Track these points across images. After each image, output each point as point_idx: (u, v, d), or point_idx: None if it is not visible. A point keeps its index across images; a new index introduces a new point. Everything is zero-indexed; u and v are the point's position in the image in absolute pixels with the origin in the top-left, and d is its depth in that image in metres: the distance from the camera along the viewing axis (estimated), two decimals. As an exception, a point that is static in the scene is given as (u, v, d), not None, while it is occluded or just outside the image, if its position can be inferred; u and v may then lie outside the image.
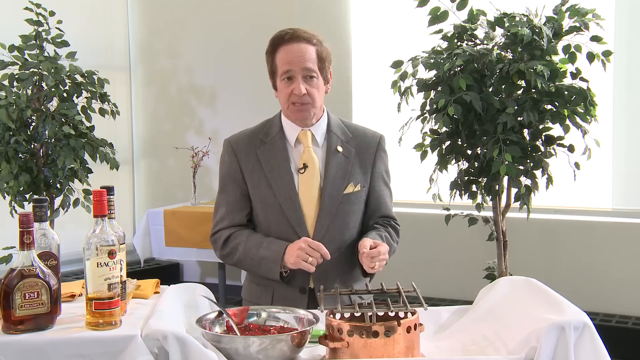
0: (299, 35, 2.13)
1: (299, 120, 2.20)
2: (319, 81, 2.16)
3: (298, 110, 2.15)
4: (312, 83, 2.14)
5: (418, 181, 3.41)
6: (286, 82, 2.14)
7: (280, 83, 2.16)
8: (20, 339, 1.56)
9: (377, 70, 4.80)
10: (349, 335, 1.58)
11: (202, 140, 5.28)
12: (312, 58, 2.13)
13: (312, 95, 2.14)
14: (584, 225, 4.26)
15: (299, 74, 2.12)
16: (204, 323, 1.69)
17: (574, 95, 2.91)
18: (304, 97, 2.13)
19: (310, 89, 2.13)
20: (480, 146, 3.03)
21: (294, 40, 2.12)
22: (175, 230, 4.77)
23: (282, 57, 2.13)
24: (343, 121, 2.31)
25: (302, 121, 2.20)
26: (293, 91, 2.12)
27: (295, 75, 2.12)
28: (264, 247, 2.13)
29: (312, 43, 2.14)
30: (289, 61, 2.12)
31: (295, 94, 2.12)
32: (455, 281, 4.45)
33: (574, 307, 1.65)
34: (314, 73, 2.13)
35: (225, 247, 2.21)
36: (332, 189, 2.17)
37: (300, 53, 2.11)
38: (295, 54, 2.11)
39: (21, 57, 3.73)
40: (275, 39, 2.16)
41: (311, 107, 2.16)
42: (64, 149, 3.72)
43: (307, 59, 2.12)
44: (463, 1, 3.02)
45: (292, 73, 2.12)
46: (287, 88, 2.14)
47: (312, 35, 2.16)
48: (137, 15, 5.80)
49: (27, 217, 1.61)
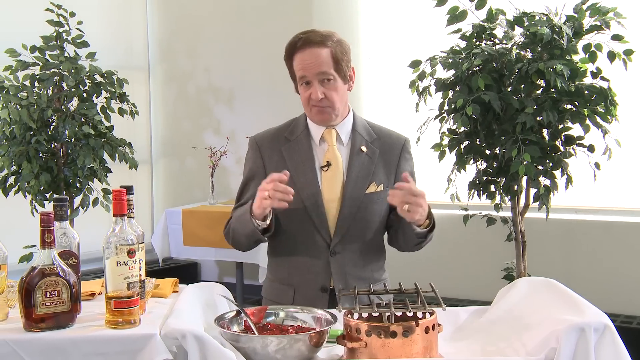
0: (311, 41, 2.12)
1: (320, 122, 2.21)
2: (336, 83, 2.14)
3: (319, 112, 2.17)
4: (330, 86, 2.13)
5: (436, 181, 3.40)
6: (304, 87, 2.16)
7: (300, 88, 2.19)
8: (41, 337, 1.58)
9: (389, 70, 4.79)
10: (366, 335, 1.58)
11: (220, 140, 5.31)
12: (327, 61, 2.11)
13: (331, 98, 2.14)
14: (604, 225, 4.21)
15: (315, 79, 2.12)
16: (222, 322, 1.70)
17: (594, 94, 2.88)
18: (322, 101, 2.13)
19: (328, 92, 2.13)
20: (499, 146, 3.01)
21: (306, 47, 2.12)
22: (194, 229, 4.79)
23: (297, 64, 2.14)
24: (368, 122, 2.31)
25: (324, 122, 2.21)
26: (311, 95, 2.13)
27: (311, 81, 2.13)
28: (242, 207, 2.16)
29: (325, 45, 2.12)
30: (303, 67, 2.12)
31: (313, 99, 2.13)
32: (474, 282, 4.43)
33: (595, 308, 1.63)
34: (330, 76, 2.12)
35: (226, 227, 2.27)
36: (354, 188, 2.17)
37: (313, 59, 2.11)
38: (308, 60, 2.11)
39: (42, 58, 3.77)
40: (289, 46, 2.17)
41: (331, 110, 2.16)
42: (83, 149, 3.75)
43: (321, 63, 2.11)
44: (482, 0, 3.00)
45: (308, 79, 2.13)
46: (305, 92, 2.16)
47: (326, 36, 2.13)
48: (156, 16, 5.83)
49: (48, 216, 1.62)
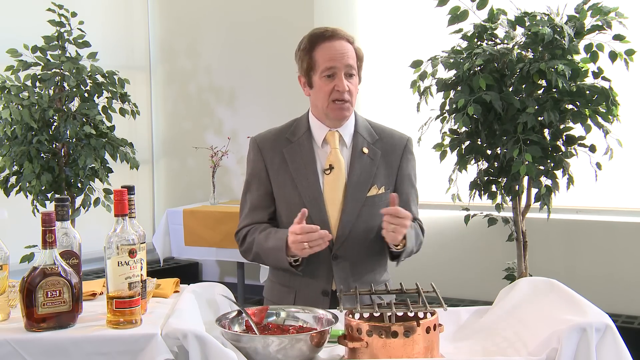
0: (339, 34, 2.13)
1: (338, 119, 2.17)
2: (356, 80, 2.16)
3: (339, 108, 2.13)
4: (352, 81, 2.13)
5: (437, 181, 3.40)
6: (326, 80, 2.12)
7: (319, 80, 2.13)
8: (43, 337, 1.58)
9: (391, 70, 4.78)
10: (368, 335, 1.58)
11: (221, 140, 5.31)
12: (353, 56, 2.13)
13: (352, 93, 2.14)
14: (606, 225, 4.21)
15: (342, 70, 2.10)
16: (223, 322, 1.70)
17: (596, 94, 2.88)
18: (345, 94, 2.11)
19: (351, 87, 2.13)
20: (500, 146, 3.01)
21: (335, 38, 2.11)
22: (195, 229, 4.79)
23: (324, 54, 2.11)
24: (370, 122, 2.29)
25: (341, 120, 2.18)
26: (335, 87, 2.10)
27: (337, 72, 2.10)
28: (271, 237, 2.12)
29: (350, 42, 2.14)
30: (332, 57, 2.10)
31: (338, 91, 2.10)
32: (475, 282, 4.43)
33: (596, 309, 1.62)
34: (354, 70, 2.13)
35: (243, 243, 2.23)
36: (355, 191, 2.16)
37: (343, 50, 2.11)
38: (338, 50, 2.10)
39: (43, 58, 3.77)
40: (314, 35, 2.14)
41: (350, 106, 2.15)
42: (84, 149, 3.76)
43: (350, 56, 2.11)
44: (483, 0, 3.00)
45: (335, 70, 2.10)
46: (327, 85, 2.12)
47: (349, 35, 2.16)
48: (157, 16, 5.83)
49: (50, 216, 1.62)
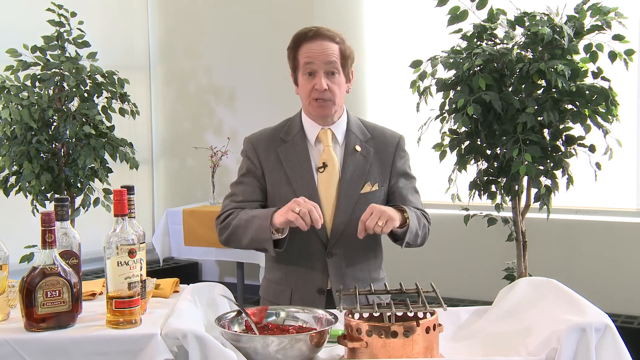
0: (322, 33, 2.14)
1: (320, 117, 2.19)
2: (340, 78, 2.15)
3: (319, 106, 2.15)
4: (334, 79, 2.14)
5: (437, 181, 3.39)
6: (307, 78, 2.14)
7: (301, 78, 2.16)
8: (42, 337, 1.58)
9: (390, 70, 4.79)
10: (367, 335, 1.58)
11: (221, 140, 5.31)
12: (335, 54, 2.13)
13: (333, 92, 2.14)
14: (605, 225, 4.21)
15: (321, 69, 2.12)
16: (223, 322, 1.70)
17: (595, 94, 2.88)
18: (325, 93, 2.12)
19: (332, 85, 2.13)
20: (500, 146, 3.01)
21: (317, 38, 2.13)
22: (194, 229, 4.79)
23: (305, 52, 2.13)
24: (362, 121, 2.30)
25: (323, 118, 2.19)
26: (314, 86, 2.12)
27: (317, 71, 2.12)
28: (256, 211, 2.13)
29: (335, 41, 2.14)
30: (311, 56, 2.12)
31: (317, 89, 2.12)
32: (475, 282, 4.43)
33: (595, 309, 1.63)
34: (336, 69, 2.13)
35: (223, 222, 2.20)
36: (348, 189, 2.17)
37: (323, 49, 2.12)
38: (318, 49, 2.12)
39: (43, 58, 3.77)
40: (298, 35, 2.17)
41: (332, 104, 2.15)
42: (84, 149, 3.76)
43: (330, 54, 2.12)
44: (483, 0, 3.00)
45: (314, 67, 2.12)
46: (308, 84, 2.14)
47: (336, 34, 2.16)
48: (157, 16, 5.83)
49: (49, 216, 1.62)
